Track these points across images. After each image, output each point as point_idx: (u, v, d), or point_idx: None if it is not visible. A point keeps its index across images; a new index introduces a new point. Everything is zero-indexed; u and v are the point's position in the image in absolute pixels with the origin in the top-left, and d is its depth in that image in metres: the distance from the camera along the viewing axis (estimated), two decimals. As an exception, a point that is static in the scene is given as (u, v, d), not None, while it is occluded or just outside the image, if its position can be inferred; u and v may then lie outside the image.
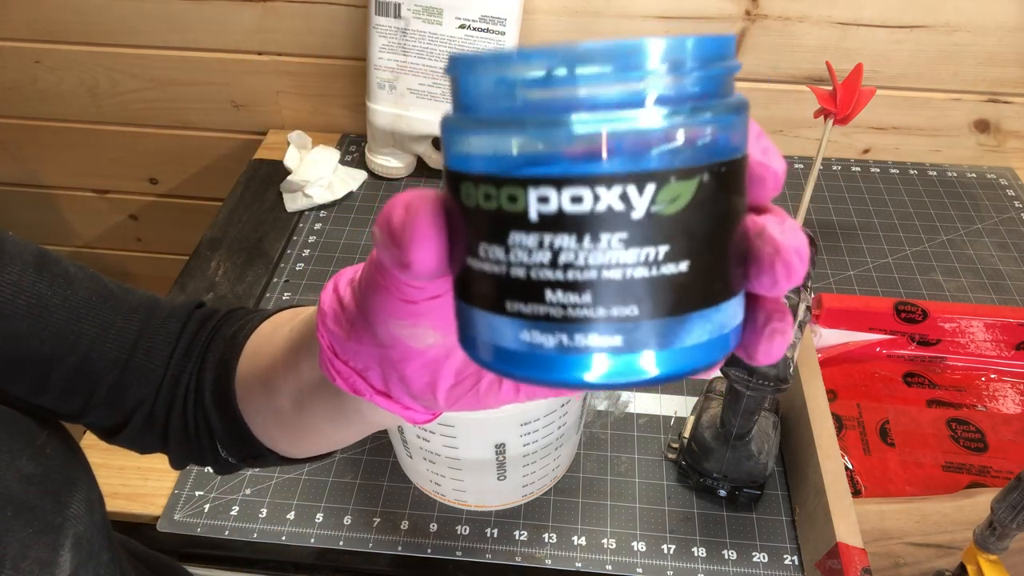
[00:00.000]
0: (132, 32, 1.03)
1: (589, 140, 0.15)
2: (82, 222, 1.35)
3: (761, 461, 0.59)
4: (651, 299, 0.16)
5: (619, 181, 0.15)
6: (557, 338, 0.16)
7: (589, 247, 0.15)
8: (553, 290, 0.16)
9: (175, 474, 0.66)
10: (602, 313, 0.16)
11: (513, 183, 0.15)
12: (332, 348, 0.28)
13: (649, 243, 0.16)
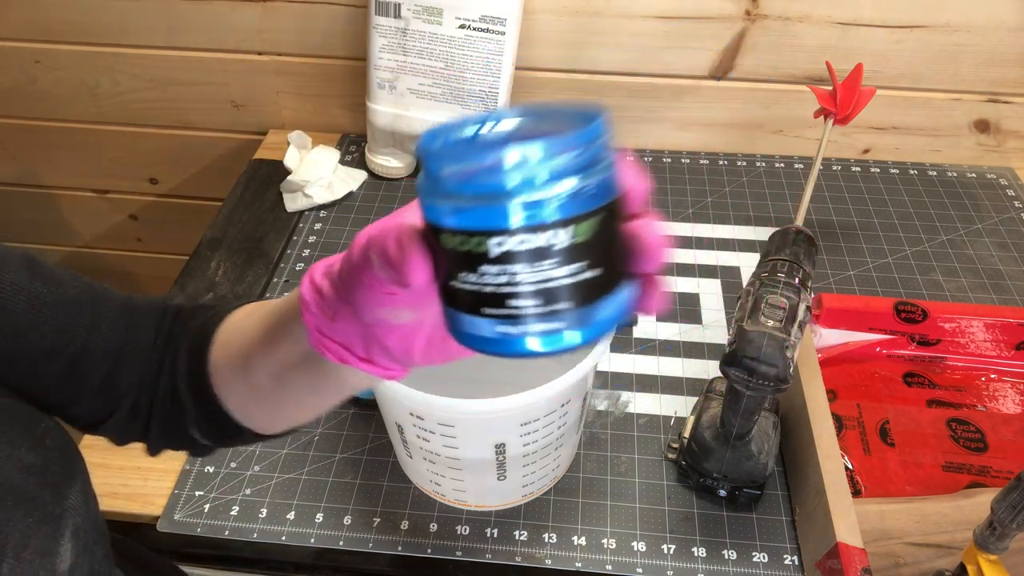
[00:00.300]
0: (132, 32, 1.03)
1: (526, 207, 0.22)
2: (82, 222, 1.35)
3: (761, 461, 0.59)
4: (576, 296, 0.24)
5: (547, 228, 0.22)
6: (519, 328, 0.24)
7: (533, 270, 0.23)
8: (513, 299, 0.23)
9: (175, 474, 0.66)
10: (547, 309, 0.24)
11: (479, 235, 0.23)
12: (319, 329, 0.33)
13: (571, 262, 0.23)
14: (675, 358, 0.76)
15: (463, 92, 0.90)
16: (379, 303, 0.29)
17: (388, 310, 0.30)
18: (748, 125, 1.02)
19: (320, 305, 0.32)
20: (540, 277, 0.23)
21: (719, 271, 0.85)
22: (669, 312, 0.80)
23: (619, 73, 0.99)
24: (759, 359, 0.50)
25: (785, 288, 0.52)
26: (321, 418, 0.70)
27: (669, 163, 1.02)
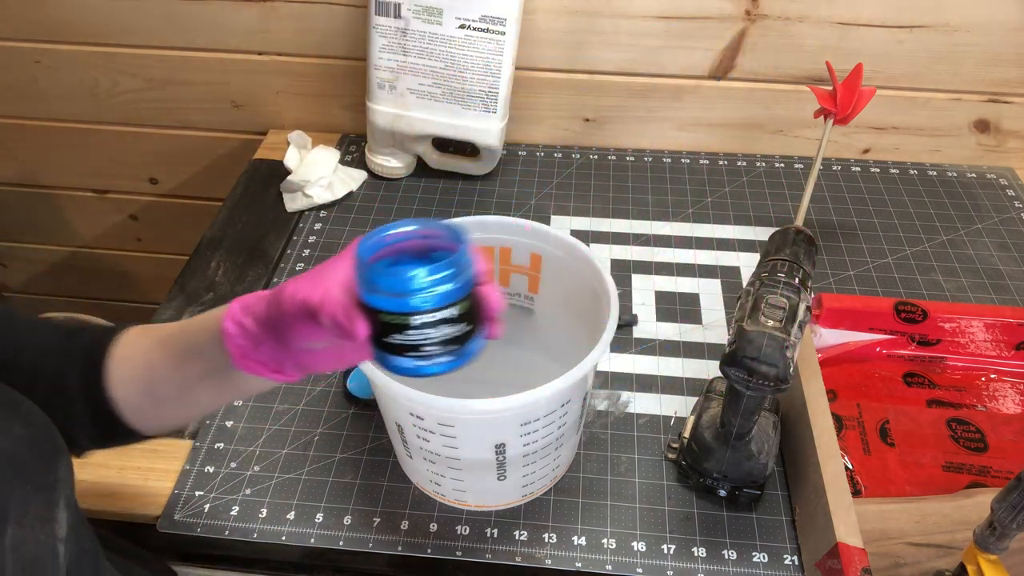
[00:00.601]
0: (132, 32, 1.03)
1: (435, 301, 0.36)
2: (82, 222, 1.35)
3: (761, 461, 0.59)
4: (460, 341, 0.38)
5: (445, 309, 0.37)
6: (428, 362, 0.38)
7: (437, 331, 0.37)
8: (425, 347, 0.38)
9: (175, 474, 0.66)
10: (444, 350, 0.38)
11: (404, 315, 0.37)
12: (242, 354, 0.43)
13: (457, 324, 0.38)
14: (675, 358, 0.76)
15: (463, 92, 0.90)
16: (310, 338, 0.41)
17: (309, 341, 0.41)
18: (748, 125, 1.02)
19: (245, 336, 0.42)
20: (441, 335, 0.38)
21: (719, 271, 0.85)
22: (669, 312, 0.80)
23: (619, 73, 0.99)
24: (759, 359, 0.50)
25: (785, 288, 0.52)
26: (321, 418, 0.70)
27: (669, 163, 1.02)
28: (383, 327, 0.37)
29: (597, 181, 0.99)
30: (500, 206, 0.95)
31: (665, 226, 0.91)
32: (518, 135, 1.06)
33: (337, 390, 0.73)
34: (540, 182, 0.99)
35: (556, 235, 0.62)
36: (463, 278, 0.37)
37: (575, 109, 1.03)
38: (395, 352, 0.38)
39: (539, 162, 1.02)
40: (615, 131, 1.04)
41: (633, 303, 0.81)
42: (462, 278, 0.37)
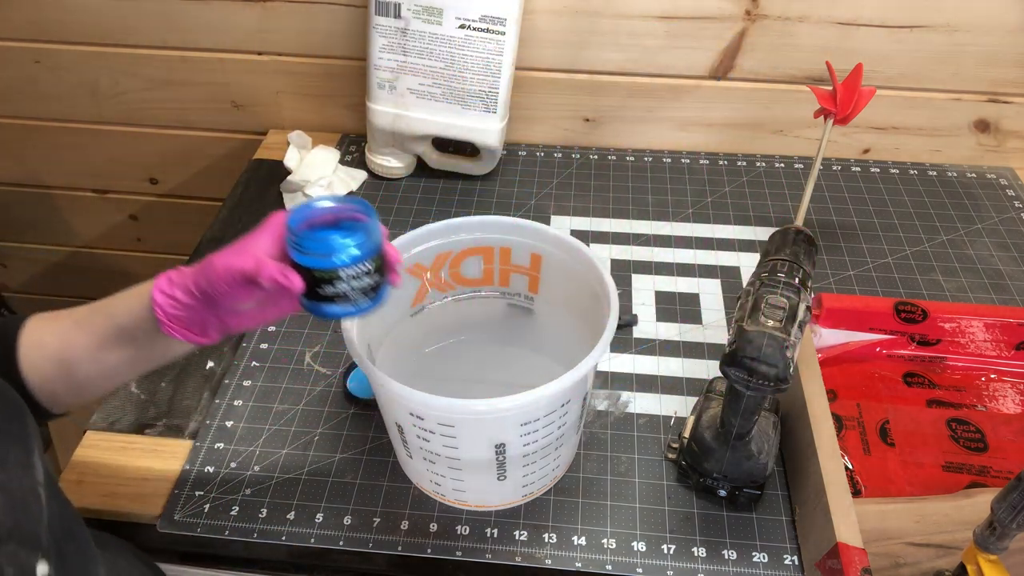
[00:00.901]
0: (132, 32, 1.03)
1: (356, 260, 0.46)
2: (82, 222, 1.35)
3: (761, 461, 0.59)
4: (374, 290, 0.48)
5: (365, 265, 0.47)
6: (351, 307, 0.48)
7: (360, 283, 0.47)
8: (350, 295, 0.47)
9: (175, 474, 0.66)
10: (363, 297, 0.48)
11: (334, 271, 0.46)
12: (169, 319, 0.49)
13: (372, 275, 0.47)
14: (675, 358, 0.76)
15: (463, 92, 0.90)
16: (240, 302, 0.48)
17: (245, 303, 0.49)
18: (748, 125, 1.02)
19: (174, 306, 0.49)
20: (362, 285, 0.47)
21: (719, 271, 0.85)
22: (669, 312, 0.80)
23: (619, 73, 0.99)
24: (759, 359, 0.50)
25: (785, 288, 0.52)
26: (321, 418, 0.70)
27: (669, 163, 1.02)
28: (314, 282, 0.47)
29: (597, 181, 0.99)
30: (500, 206, 0.95)
31: (665, 226, 0.91)
32: (518, 135, 1.06)
33: (337, 390, 0.73)
34: (540, 182, 0.99)
35: (556, 235, 0.62)
36: (373, 241, 0.47)
37: (575, 109, 1.03)
38: (324, 301, 0.48)
39: (539, 162, 1.02)
40: (615, 131, 1.04)
41: (633, 303, 0.81)
42: (373, 241, 0.47)
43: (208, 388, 0.73)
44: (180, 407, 0.72)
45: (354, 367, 0.73)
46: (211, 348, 0.77)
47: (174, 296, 0.48)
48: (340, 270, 0.46)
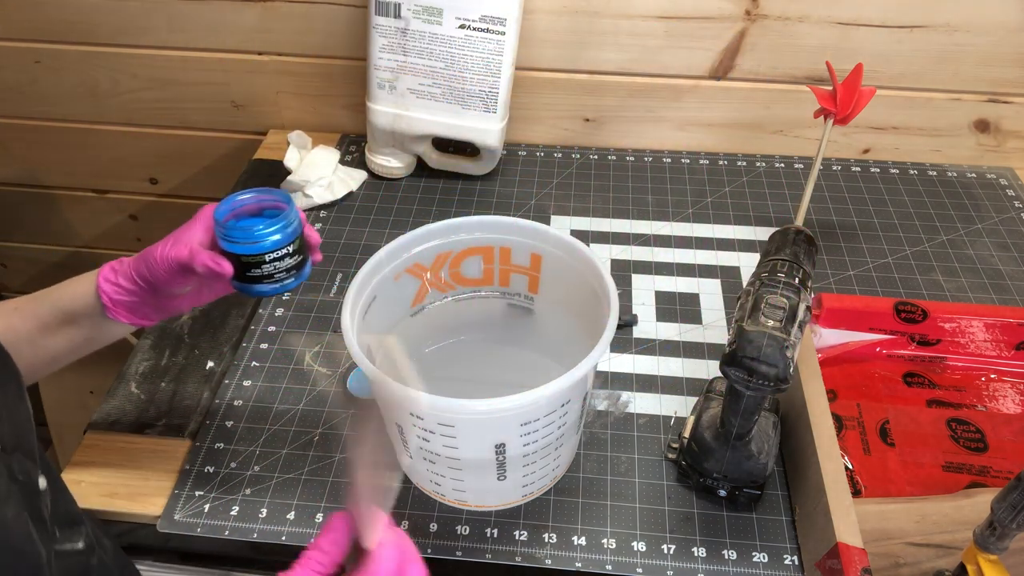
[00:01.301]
0: (132, 32, 1.03)
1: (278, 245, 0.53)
2: (82, 222, 1.35)
3: (761, 461, 0.59)
4: (297, 268, 0.55)
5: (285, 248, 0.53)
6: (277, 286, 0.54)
7: (283, 263, 0.54)
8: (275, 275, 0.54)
9: (175, 474, 0.66)
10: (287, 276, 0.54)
11: (259, 256, 0.52)
12: (113, 304, 0.54)
13: (293, 256, 0.54)
14: (675, 358, 0.76)
15: (463, 92, 0.90)
16: (178, 287, 0.55)
17: (184, 287, 0.55)
18: (748, 125, 1.02)
19: (118, 292, 0.54)
20: (285, 265, 0.53)
21: (719, 271, 0.85)
22: (669, 312, 0.80)
23: (619, 73, 0.99)
24: (759, 359, 0.50)
25: (785, 288, 0.52)
26: (321, 418, 0.70)
27: (669, 163, 1.02)
28: (243, 266, 0.53)
29: (597, 181, 0.99)
30: (500, 206, 0.95)
31: (665, 226, 0.91)
32: (518, 135, 1.06)
33: (337, 390, 0.73)
34: (540, 182, 0.99)
35: (556, 235, 0.62)
36: (294, 226, 0.53)
37: (575, 109, 1.03)
38: (253, 282, 0.54)
39: (539, 162, 1.02)
40: (615, 131, 1.04)
41: (633, 303, 0.81)
42: (293, 226, 0.53)
43: (208, 388, 0.73)
44: (180, 407, 0.72)
45: (354, 367, 0.73)
46: (211, 348, 0.77)
47: (118, 283, 0.54)
48: (264, 254, 0.52)
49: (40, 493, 0.43)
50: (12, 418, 0.44)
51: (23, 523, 0.39)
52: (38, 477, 0.43)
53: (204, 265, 0.52)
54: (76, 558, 0.44)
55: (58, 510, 0.45)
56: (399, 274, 0.63)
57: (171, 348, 0.77)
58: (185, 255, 0.52)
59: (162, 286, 0.54)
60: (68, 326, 0.56)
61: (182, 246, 0.52)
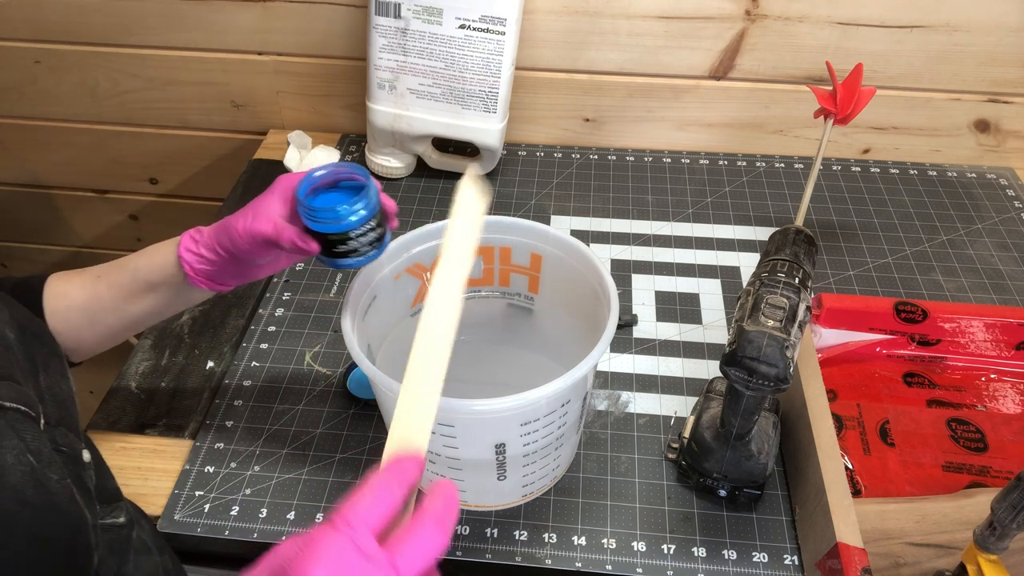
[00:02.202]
0: (132, 32, 1.03)
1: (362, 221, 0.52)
2: (82, 222, 1.35)
3: (761, 461, 0.59)
4: (379, 241, 0.54)
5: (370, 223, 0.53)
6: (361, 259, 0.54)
7: (367, 239, 0.53)
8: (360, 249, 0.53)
9: (175, 474, 0.66)
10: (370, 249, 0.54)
11: (344, 233, 0.52)
12: (195, 273, 0.56)
13: (375, 230, 0.54)
14: (675, 358, 0.76)
15: (463, 92, 0.90)
16: (259, 257, 0.56)
17: (262, 259, 0.56)
18: (748, 125, 1.02)
19: (199, 261, 0.56)
20: (368, 239, 0.53)
21: (719, 271, 0.85)
22: (669, 312, 0.80)
23: (619, 73, 0.99)
24: (759, 359, 0.50)
25: (785, 288, 0.52)
26: (321, 418, 0.70)
27: (669, 163, 1.02)
28: (329, 243, 0.53)
29: (597, 181, 0.99)
30: (500, 206, 0.95)
31: (665, 226, 0.91)
32: (518, 135, 1.06)
33: (337, 390, 0.73)
34: (540, 182, 0.99)
35: (556, 235, 0.62)
36: (375, 200, 0.53)
37: (575, 109, 1.03)
38: (339, 257, 0.54)
39: (539, 162, 1.02)
40: (615, 131, 1.04)
41: (633, 303, 0.81)
42: (375, 200, 0.53)
43: (208, 388, 0.73)
44: (180, 407, 0.72)
45: (354, 367, 0.73)
46: (211, 348, 0.77)
47: (200, 253, 0.56)
48: (350, 232, 0.52)
49: (84, 464, 0.44)
50: (55, 395, 0.45)
51: (67, 488, 0.40)
52: (82, 450, 0.44)
53: (291, 242, 0.52)
54: (118, 531, 0.44)
55: (100, 484, 0.46)
56: (399, 274, 0.63)
57: (171, 348, 0.77)
58: (270, 231, 0.52)
59: (244, 257, 0.55)
60: (149, 293, 0.58)
61: (264, 220, 0.52)
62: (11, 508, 0.36)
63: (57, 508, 0.39)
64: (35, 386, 0.43)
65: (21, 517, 0.36)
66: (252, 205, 0.54)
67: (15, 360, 0.43)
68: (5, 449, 0.37)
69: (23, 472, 0.38)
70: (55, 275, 0.59)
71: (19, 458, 0.38)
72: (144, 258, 0.58)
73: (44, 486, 0.38)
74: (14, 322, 0.45)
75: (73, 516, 0.40)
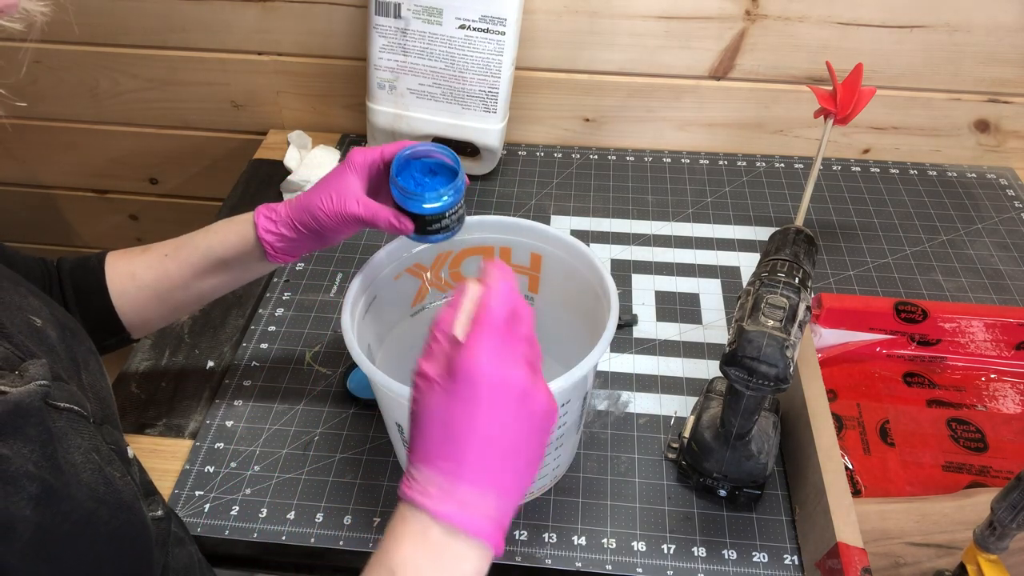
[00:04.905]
0: (132, 32, 1.03)
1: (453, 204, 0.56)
2: (82, 222, 1.35)
3: (761, 461, 0.59)
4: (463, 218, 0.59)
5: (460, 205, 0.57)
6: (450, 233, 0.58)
7: (457, 216, 0.57)
8: (451, 227, 0.58)
9: (175, 474, 0.66)
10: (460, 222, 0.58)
11: (441, 214, 0.56)
12: (274, 250, 0.58)
13: (461, 210, 0.58)
14: (675, 358, 0.76)
15: (463, 92, 0.90)
16: (345, 234, 0.58)
17: (347, 235, 0.58)
18: (748, 125, 1.02)
19: (281, 241, 0.58)
20: (457, 216, 0.57)
21: (719, 271, 0.85)
22: (669, 312, 0.80)
23: (619, 73, 0.99)
24: (759, 359, 0.50)
25: (785, 288, 0.52)
26: (321, 418, 0.70)
27: (669, 163, 1.02)
28: (423, 222, 0.56)
29: (597, 181, 0.99)
30: (500, 206, 0.95)
31: (665, 226, 0.91)
32: (518, 135, 1.06)
33: (337, 390, 0.73)
34: (540, 182, 0.99)
35: (556, 235, 0.62)
36: (462, 181, 0.56)
37: (575, 109, 1.03)
38: (430, 234, 0.57)
39: (539, 162, 1.02)
40: (615, 131, 1.04)
41: (633, 303, 0.81)
42: (462, 181, 0.56)
43: (208, 388, 0.73)
44: (180, 407, 0.72)
45: (354, 367, 0.73)
46: (211, 348, 0.77)
47: (280, 233, 0.58)
48: (446, 211, 0.56)
49: (130, 461, 0.45)
50: (98, 393, 0.45)
51: (129, 484, 0.41)
52: (126, 446, 0.45)
53: (388, 222, 0.55)
54: (160, 524, 0.45)
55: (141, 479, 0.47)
56: (399, 274, 0.63)
57: (171, 348, 0.77)
58: (363, 212, 0.55)
59: (330, 235, 0.57)
60: (220, 270, 0.60)
61: (352, 201, 0.55)
62: (90, 506, 0.36)
63: (127, 506, 0.39)
64: (79, 385, 0.43)
65: (100, 515, 0.37)
66: (330, 184, 0.56)
67: (59, 360, 0.43)
68: (72, 448, 0.37)
69: (92, 471, 0.38)
70: (114, 253, 0.61)
71: (86, 456, 0.38)
72: (215, 235, 0.59)
73: (112, 484, 0.39)
74: (55, 320, 0.45)
75: (139, 513, 0.40)
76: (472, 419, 0.37)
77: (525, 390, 0.38)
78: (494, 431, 0.37)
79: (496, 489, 0.37)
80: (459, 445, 0.37)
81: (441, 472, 0.37)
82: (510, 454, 0.38)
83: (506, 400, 0.37)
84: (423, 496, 0.36)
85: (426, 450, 0.37)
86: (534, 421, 0.38)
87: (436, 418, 0.37)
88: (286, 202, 0.58)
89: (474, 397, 0.37)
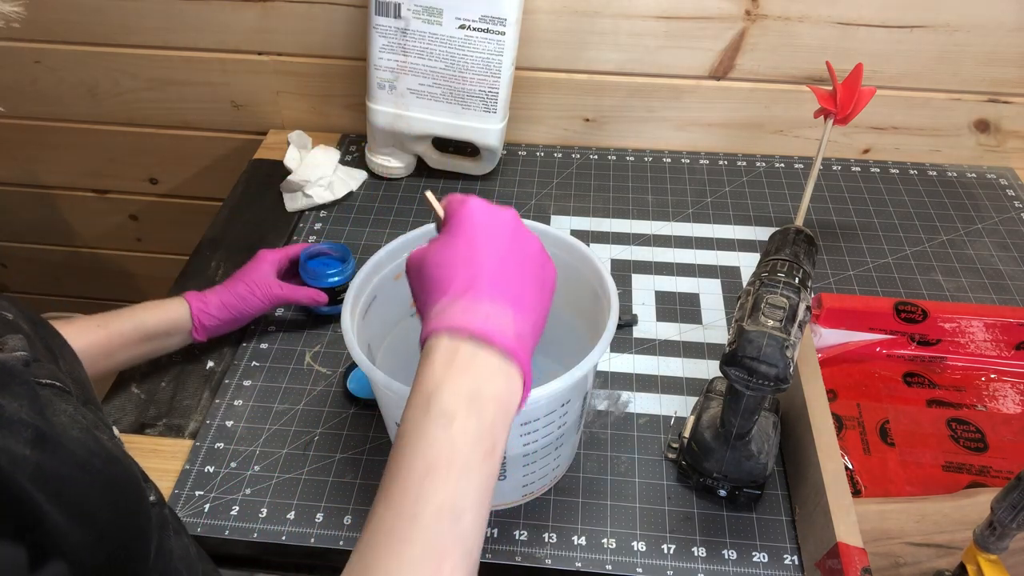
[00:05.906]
0: (132, 32, 1.03)
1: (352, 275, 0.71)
2: (82, 222, 1.35)
3: (761, 461, 0.59)
4: None
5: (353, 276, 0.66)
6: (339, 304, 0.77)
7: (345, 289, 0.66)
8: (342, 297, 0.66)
9: (175, 474, 0.66)
10: None
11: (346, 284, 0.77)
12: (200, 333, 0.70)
13: None
14: (675, 358, 0.76)
15: (463, 92, 0.90)
16: (265, 312, 0.74)
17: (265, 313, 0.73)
18: (748, 125, 1.02)
19: (211, 320, 0.70)
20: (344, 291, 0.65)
21: (719, 271, 0.85)
22: (669, 312, 0.80)
23: (619, 73, 0.99)
24: (759, 359, 0.50)
25: (785, 288, 0.52)
26: (321, 418, 0.70)
27: (669, 163, 1.02)
28: (334, 293, 0.75)
29: (597, 181, 0.99)
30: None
31: (665, 226, 0.91)
32: (518, 135, 1.06)
33: (337, 390, 0.73)
34: (540, 182, 0.99)
35: (556, 235, 0.62)
36: (353, 264, 0.77)
37: (575, 109, 1.03)
38: (335, 305, 0.76)
39: (539, 162, 1.02)
40: (615, 131, 1.04)
41: (633, 303, 0.81)
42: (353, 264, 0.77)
43: (208, 388, 0.73)
44: (180, 407, 0.72)
45: (354, 367, 0.73)
46: (211, 348, 0.77)
47: (211, 313, 0.70)
48: (347, 283, 0.67)
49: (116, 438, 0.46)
50: (76, 378, 0.46)
51: (118, 445, 0.42)
52: (112, 424, 0.46)
53: (311, 299, 0.74)
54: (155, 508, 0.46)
55: None
56: (399, 274, 0.63)
57: (171, 348, 0.77)
58: (287, 294, 0.73)
59: (253, 314, 0.73)
60: (145, 342, 0.67)
61: (274, 285, 0.72)
62: (83, 455, 0.37)
63: (118, 459, 0.40)
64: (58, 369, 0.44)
65: (93, 464, 0.37)
66: (248, 277, 0.71)
67: (36, 346, 0.43)
68: (58, 412, 0.38)
69: (80, 429, 0.39)
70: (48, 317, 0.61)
71: (72, 418, 0.39)
72: (150, 311, 0.67)
73: (100, 443, 0.39)
74: (24, 316, 0.46)
75: (132, 466, 0.41)
76: (475, 248, 0.41)
77: (516, 227, 0.43)
78: (499, 255, 0.42)
79: (513, 307, 0.40)
80: (472, 267, 0.41)
81: (458, 295, 0.40)
82: (516, 277, 0.42)
83: (501, 232, 0.42)
84: (448, 319, 0.39)
85: (441, 289, 0.41)
86: (528, 257, 0.43)
87: (443, 260, 0.42)
88: (211, 290, 0.71)
89: (471, 229, 0.42)
